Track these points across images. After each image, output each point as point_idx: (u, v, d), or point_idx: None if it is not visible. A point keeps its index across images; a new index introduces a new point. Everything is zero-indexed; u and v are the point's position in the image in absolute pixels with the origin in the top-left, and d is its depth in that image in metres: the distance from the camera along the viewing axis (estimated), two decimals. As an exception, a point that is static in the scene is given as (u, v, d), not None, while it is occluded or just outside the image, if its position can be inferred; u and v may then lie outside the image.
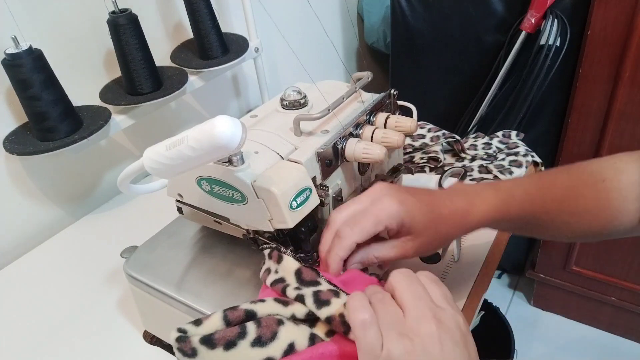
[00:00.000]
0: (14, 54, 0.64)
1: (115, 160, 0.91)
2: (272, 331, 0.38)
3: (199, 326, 0.38)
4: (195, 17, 0.84)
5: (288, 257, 0.46)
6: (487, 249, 0.66)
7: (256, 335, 0.38)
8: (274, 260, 0.46)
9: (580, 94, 1.13)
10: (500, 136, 0.89)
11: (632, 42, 1.00)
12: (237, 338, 0.37)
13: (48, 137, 0.69)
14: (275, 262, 0.46)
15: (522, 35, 1.11)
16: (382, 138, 0.52)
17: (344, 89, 0.58)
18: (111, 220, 0.82)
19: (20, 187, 0.77)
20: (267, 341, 0.38)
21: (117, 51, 0.76)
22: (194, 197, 0.50)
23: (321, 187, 0.49)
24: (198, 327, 0.38)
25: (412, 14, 1.22)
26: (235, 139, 0.36)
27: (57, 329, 0.62)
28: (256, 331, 0.38)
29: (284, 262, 0.45)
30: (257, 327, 0.38)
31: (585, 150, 1.20)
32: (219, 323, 0.39)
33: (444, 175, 0.77)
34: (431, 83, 1.31)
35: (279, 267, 0.45)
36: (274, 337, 0.38)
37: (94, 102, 0.78)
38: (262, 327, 0.38)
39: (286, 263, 0.45)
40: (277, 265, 0.45)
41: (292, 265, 0.45)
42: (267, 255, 0.47)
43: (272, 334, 0.38)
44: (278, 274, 0.45)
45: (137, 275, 0.54)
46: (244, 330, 0.38)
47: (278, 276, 0.44)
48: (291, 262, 0.45)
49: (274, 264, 0.46)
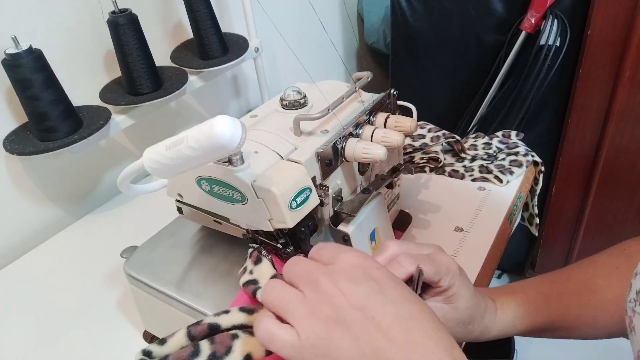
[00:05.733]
0: (14, 54, 0.64)
1: (115, 160, 0.91)
2: (227, 346, 0.38)
3: (164, 345, 0.38)
4: (195, 17, 0.84)
5: (266, 261, 0.45)
6: (487, 249, 0.66)
7: (210, 352, 0.37)
8: (252, 260, 0.46)
9: (580, 94, 1.13)
10: (500, 136, 0.89)
11: (632, 42, 1.00)
12: (191, 357, 0.37)
13: (48, 137, 0.69)
14: (253, 262, 0.46)
15: (522, 35, 1.10)
16: (382, 138, 0.52)
17: (343, 89, 0.58)
18: (111, 220, 0.82)
19: (20, 187, 0.77)
20: (221, 356, 0.37)
21: (117, 51, 0.76)
22: (194, 197, 0.50)
23: (321, 187, 0.49)
24: (162, 347, 0.38)
25: (412, 14, 1.22)
26: (235, 139, 0.36)
27: (57, 328, 0.62)
28: (210, 348, 0.37)
29: (261, 265, 0.45)
30: (210, 344, 0.38)
31: (585, 150, 1.20)
32: (183, 340, 0.38)
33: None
34: (431, 83, 1.31)
35: (255, 269, 0.45)
36: (228, 351, 0.37)
37: (94, 102, 0.78)
38: (215, 344, 0.38)
39: (263, 267, 0.45)
40: (253, 266, 0.46)
41: (268, 270, 0.45)
42: (249, 255, 0.47)
43: (227, 349, 0.37)
44: (252, 274, 0.45)
45: (137, 275, 0.54)
46: (197, 349, 0.37)
47: (252, 277, 0.44)
48: (268, 267, 0.45)
49: (250, 264, 0.46)
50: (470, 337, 0.45)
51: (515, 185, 0.79)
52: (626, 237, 0.50)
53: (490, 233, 0.68)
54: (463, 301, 0.42)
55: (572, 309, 0.47)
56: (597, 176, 1.22)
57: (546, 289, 0.49)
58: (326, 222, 0.52)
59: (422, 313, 0.32)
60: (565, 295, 0.48)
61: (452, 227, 0.70)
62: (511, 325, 0.47)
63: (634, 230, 1.26)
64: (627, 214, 1.25)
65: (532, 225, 0.89)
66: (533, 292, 0.49)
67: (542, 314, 0.47)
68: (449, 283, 0.41)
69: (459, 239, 0.67)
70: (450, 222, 0.70)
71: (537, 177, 0.84)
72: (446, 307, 0.42)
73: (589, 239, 1.36)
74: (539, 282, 0.50)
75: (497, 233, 0.69)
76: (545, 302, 0.48)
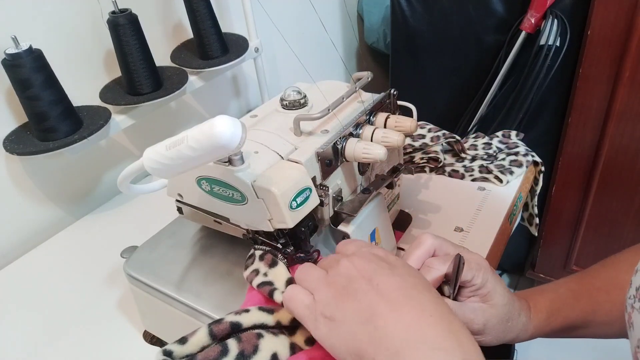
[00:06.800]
0: (14, 54, 0.64)
1: (115, 160, 0.91)
2: (254, 345, 0.38)
3: (185, 344, 0.38)
4: (195, 17, 0.84)
5: (282, 265, 0.46)
6: (487, 249, 0.66)
7: (238, 350, 0.38)
8: (265, 263, 0.46)
9: (580, 94, 1.13)
10: (500, 136, 0.89)
11: (632, 42, 1.00)
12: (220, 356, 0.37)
13: (48, 137, 0.69)
14: (267, 265, 0.46)
15: (522, 36, 1.10)
16: (382, 138, 0.52)
17: (344, 89, 0.58)
18: (111, 220, 0.82)
19: (20, 187, 0.77)
20: (249, 355, 0.38)
21: (117, 51, 0.76)
22: (194, 197, 0.50)
23: (321, 187, 0.49)
24: (184, 346, 0.38)
25: (412, 14, 1.22)
26: (235, 139, 0.36)
27: (57, 328, 0.62)
28: (238, 346, 0.38)
29: (276, 269, 0.45)
30: (238, 343, 0.38)
31: (585, 150, 1.20)
32: (205, 338, 0.38)
33: None
34: (431, 83, 1.31)
35: (270, 271, 0.45)
36: (256, 350, 0.38)
37: (94, 102, 0.78)
38: (242, 342, 0.38)
39: (279, 270, 0.45)
40: (267, 269, 0.46)
41: (284, 274, 0.45)
42: (259, 257, 0.48)
43: (254, 348, 0.38)
44: (267, 277, 0.45)
45: (137, 275, 0.54)
46: (226, 348, 0.38)
47: (267, 279, 0.45)
48: (284, 270, 0.45)
49: (264, 267, 0.46)
50: (510, 335, 0.45)
51: (515, 185, 0.79)
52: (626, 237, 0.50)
53: (490, 233, 0.68)
54: (499, 298, 0.42)
55: (603, 304, 0.47)
56: (597, 176, 1.22)
57: (575, 287, 0.49)
58: (326, 222, 0.52)
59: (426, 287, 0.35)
60: (594, 292, 0.48)
61: (452, 227, 0.70)
62: (546, 323, 0.47)
63: (634, 230, 1.26)
64: (627, 214, 1.25)
65: (532, 225, 0.89)
66: (563, 289, 0.49)
67: (574, 310, 0.48)
68: (482, 280, 0.41)
69: (459, 239, 0.67)
70: (450, 222, 0.70)
71: (537, 177, 0.85)
72: (484, 306, 0.42)
73: (589, 239, 1.36)
74: (566, 281, 0.51)
75: (497, 233, 0.69)
76: (575, 298, 0.48)
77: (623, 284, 0.47)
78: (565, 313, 0.47)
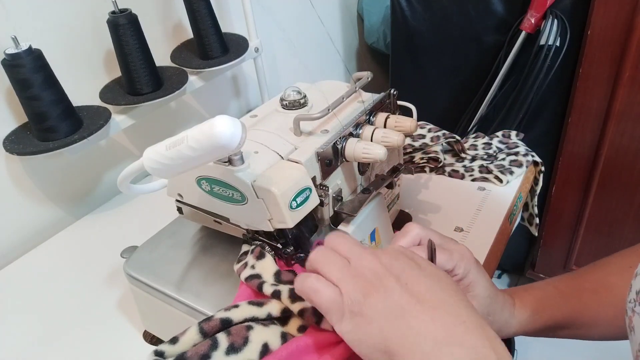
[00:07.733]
0: (14, 54, 0.64)
1: (115, 160, 0.91)
2: (243, 337, 0.38)
3: (176, 344, 0.38)
4: (195, 17, 0.84)
5: (269, 257, 0.46)
6: (487, 248, 0.66)
7: (228, 343, 0.38)
8: (254, 255, 0.47)
9: (580, 94, 1.13)
10: (500, 136, 0.89)
11: (632, 42, 1.00)
12: (210, 350, 0.37)
13: (48, 137, 0.69)
14: (255, 258, 0.47)
15: (522, 36, 1.10)
16: (382, 138, 0.52)
17: (344, 89, 0.58)
18: (111, 220, 0.82)
19: (20, 187, 0.77)
20: (240, 347, 0.38)
21: (117, 51, 0.76)
22: (194, 197, 0.50)
23: (321, 187, 0.49)
24: (175, 345, 0.38)
25: (412, 14, 1.22)
26: (235, 139, 0.36)
27: (57, 329, 0.62)
28: (227, 339, 0.38)
29: (264, 261, 0.46)
30: (227, 336, 0.38)
31: (585, 150, 1.20)
32: (195, 336, 0.38)
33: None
34: (431, 83, 1.31)
35: (257, 264, 0.46)
36: (246, 341, 0.38)
37: (94, 102, 0.78)
38: (232, 335, 0.38)
39: (266, 262, 0.46)
40: (255, 261, 0.46)
41: (271, 266, 0.45)
42: (250, 251, 0.48)
43: (244, 339, 0.38)
44: (254, 269, 0.45)
45: (137, 275, 0.54)
46: (215, 342, 0.38)
47: (254, 272, 0.45)
48: (271, 263, 0.46)
49: (252, 259, 0.47)
50: None
51: (515, 185, 0.79)
52: (626, 237, 0.51)
53: (490, 233, 0.68)
54: (481, 289, 0.42)
55: (590, 305, 0.47)
56: (597, 176, 1.22)
57: (563, 287, 0.49)
58: (326, 222, 0.52)
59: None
60: (583, 293, 0.48)
61: (452, 227, 0.70)
62: (530, 321, 0.47)
63: (634, 230, 1.26)
64: (627, 214, 1.25)
65: (532, 225, 0.89)
66: (550, 288, 0.49)
67: (560, 310, 0.47)
68: (464, 270, 0.41)
69: (459, 239, 0.67)
70: (450, 222, 0.70)
71: (537, 177, 0.84)
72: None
73: (589, 239, 1.36)
74: (555, 280, 0.51)
75: (497, 233, 0.69)
76: (563, 298, 0.48)
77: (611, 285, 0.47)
78: (551, 312, 0.47)
